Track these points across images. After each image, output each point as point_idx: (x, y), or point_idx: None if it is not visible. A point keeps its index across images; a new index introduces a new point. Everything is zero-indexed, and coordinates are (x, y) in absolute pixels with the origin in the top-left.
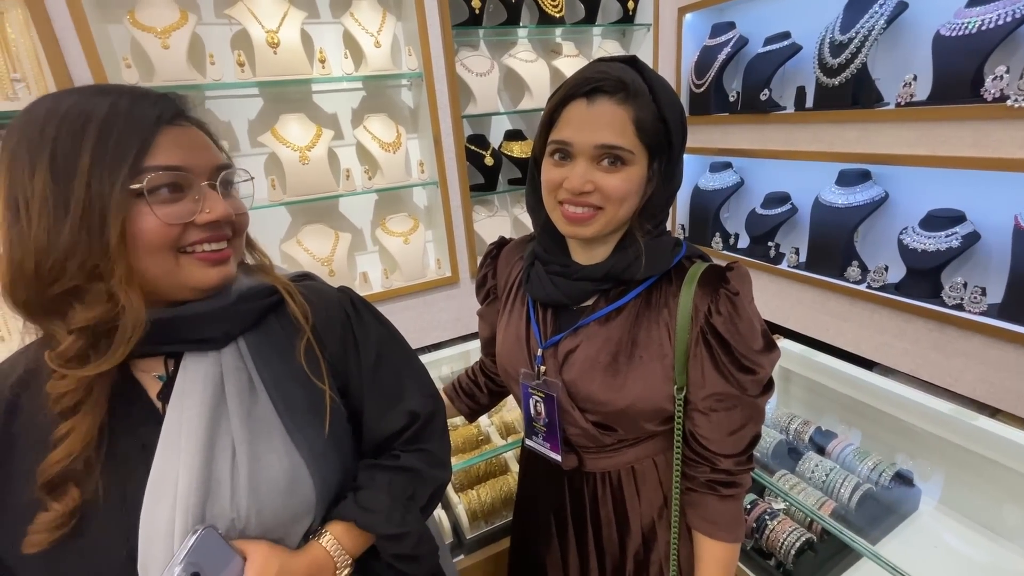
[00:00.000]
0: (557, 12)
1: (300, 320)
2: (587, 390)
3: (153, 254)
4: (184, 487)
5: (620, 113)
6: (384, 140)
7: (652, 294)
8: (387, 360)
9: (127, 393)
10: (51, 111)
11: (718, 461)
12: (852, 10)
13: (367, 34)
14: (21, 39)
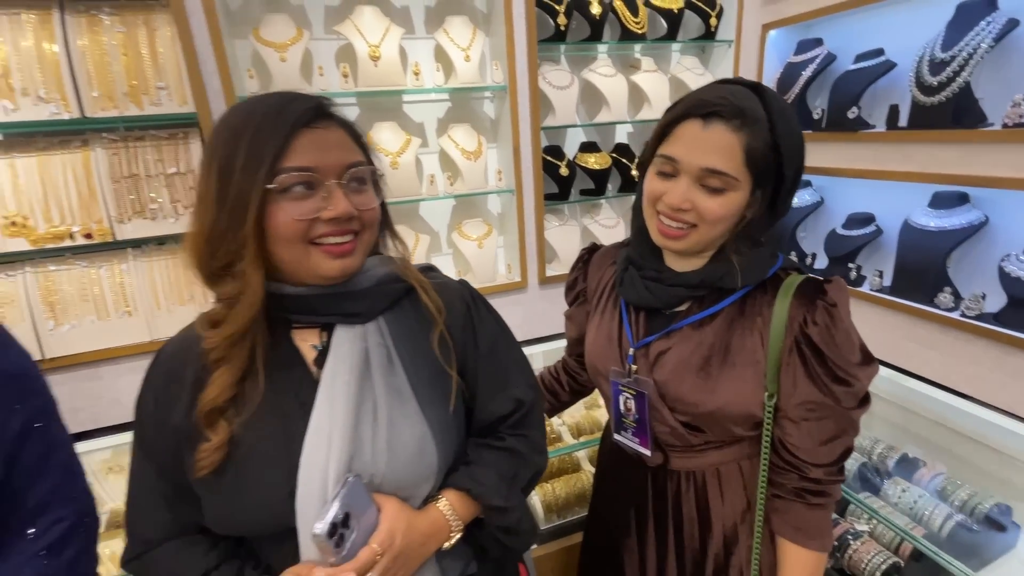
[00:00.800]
0: (639, 28)
1: (434, 313)
2: (677, 391)
3: (286, 244)
4: (337, 441)
5: (732, 139)
6: (466, 148)
7: (746, 302)
8: (499, 349)
9: (290, 359)
10: (225, 120)
11: (808, 470)
12: (955, 28)
13: (458, 49)
14: (167, 53)
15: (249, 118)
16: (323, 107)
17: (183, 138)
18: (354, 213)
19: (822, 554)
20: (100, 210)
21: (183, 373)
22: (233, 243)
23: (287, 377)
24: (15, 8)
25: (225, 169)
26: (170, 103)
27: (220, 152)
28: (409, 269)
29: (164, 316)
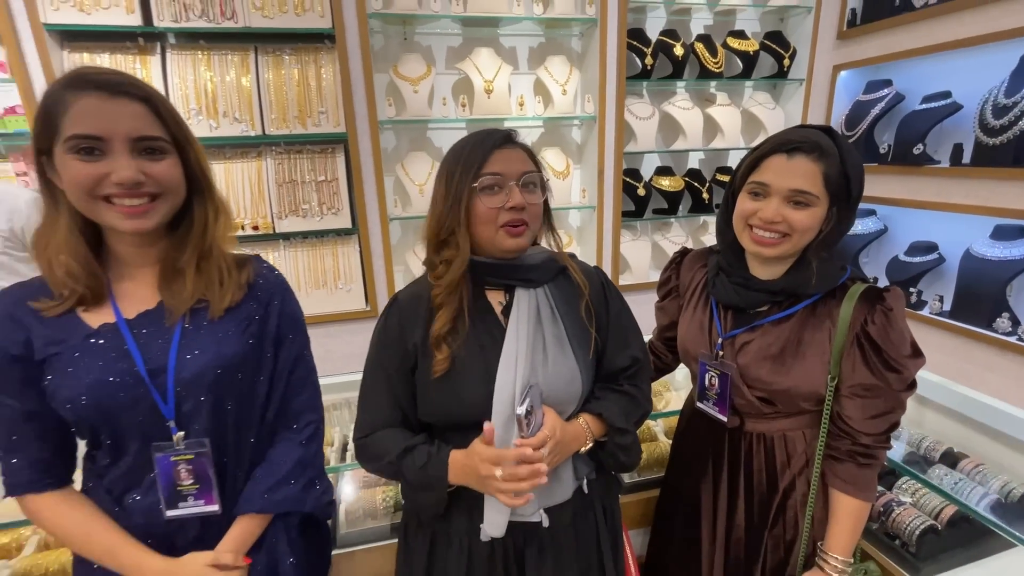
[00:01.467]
0: (717, 68)
1: (582, 287)
2: (756, 373)
3: (483, 225)
4: (522, 363)
5: (813, 167)
6: (556, 168)
7: (817, 306)
8: (623, 319)
9: (486, 309)
10: (453, 148)
11: (859, 437)
12: (1019, 76)
13: (556, 83)
14: (329, 84)
15: (465, 145)
16: (510, 136)
17: (332, 152)
18: (526, 205)
19: (867, 504)
20: (266, 208)
21: (418, 311)
22: (453, 224)
23: (484, 320)
24: (224, 50)
25: (449, 177)
26: (327, 124)
27: (447, 168)
28: (563, 255)
29: (302, 297)
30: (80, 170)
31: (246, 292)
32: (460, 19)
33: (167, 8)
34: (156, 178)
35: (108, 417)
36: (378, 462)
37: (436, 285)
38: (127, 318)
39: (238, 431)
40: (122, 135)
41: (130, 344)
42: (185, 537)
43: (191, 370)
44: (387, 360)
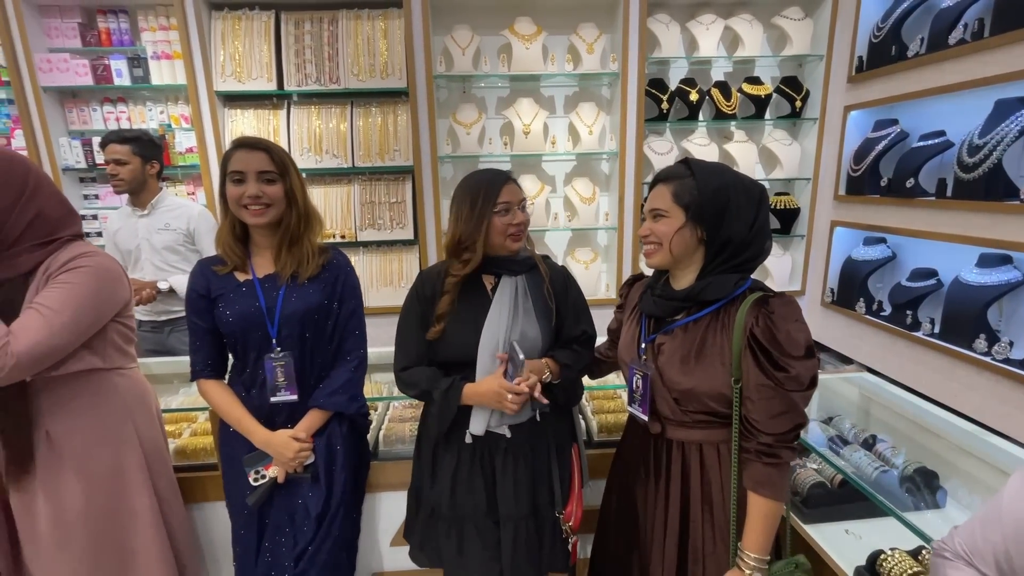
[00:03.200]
0: (730, 110)
1: (544, 277)
2: (669, 373)
3: (498, 235)
4: (503, 325)
5: (665, 190)
6: (584, 195)
7: (720, 313)
8: (578, 304)
9: (479, 289)
10: (466, 180)
11: (762, 436)
12: (992, 119)
13: (584, 125)
14: (403, 128)
15: (480, 181)
16: (510, 175)
17: (401, 180)
18: (525, 220)
19: (776, 503)
20: (351, 222)
21: (436, 284)
22: (476, 233)
23: (478, 295)
24: (330, 104)
25: (473, 203)
26: (399, 158)
27: (470, 196)
28: (536, 255)
29: (372, 292)
30: (233, 190)
31: (322, 268)
32: (507, 76)
33: (294, 77)
34: (268, 195)
35: (244, 334)
36: (414, 389)
37: (453, 275)
38: (258, 277)
39: (313, 352)
40: (253, 170)
41: (258, 292)
42: (280, 417)
43: (288, 311)
44: (415, 314)
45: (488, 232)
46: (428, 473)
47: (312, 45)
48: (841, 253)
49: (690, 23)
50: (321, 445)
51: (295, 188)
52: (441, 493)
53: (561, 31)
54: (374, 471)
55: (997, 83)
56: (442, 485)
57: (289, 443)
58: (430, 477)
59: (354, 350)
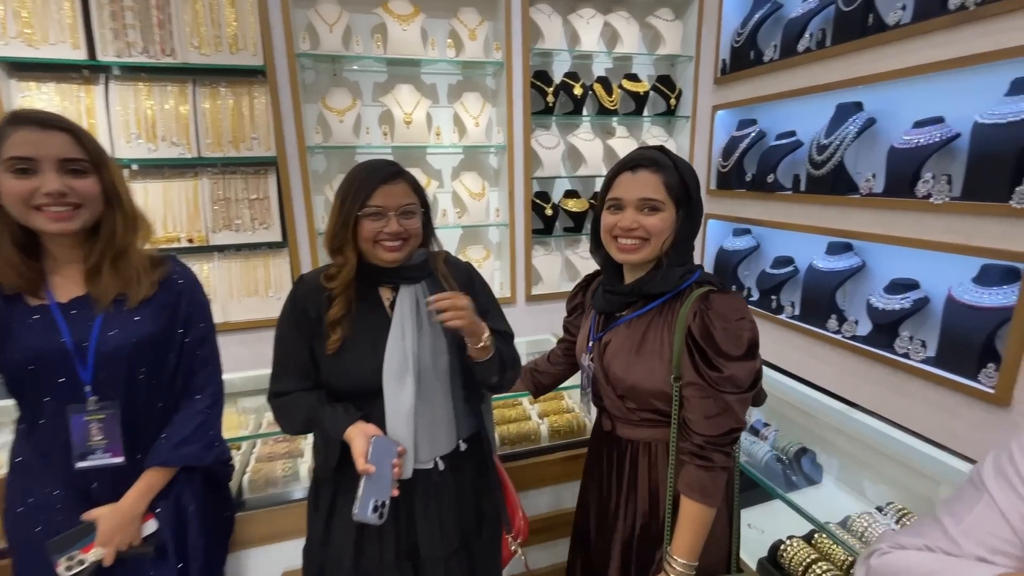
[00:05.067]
0: (612, 105)
1: (443, 281)
2: (613, 370)
3: (366, 243)
4: (409, 346)
5: (655, 178)
6: (473, 191)
7: (664, 307)
8: (487, 303)
9: (375, 304)
10: (348, 174)
11: (695, 437)
12: (834, 121)
13: (470, 117)
14: (261, 113)
15: (358, 174)
16: (396, 173)
17: (264, 174)
18: (401, 231)
19: (707, 508)
20: (201, 223)
21: (320, 293)
22: (341, 239)
23: (374, 312)
24: (164, 81)
25: (343, 202)
26: (259, 148)
27: (342, 192)
28: (436, 256)
29: (234, 304)
30: (16, 184)
31: (159, 286)
32: (383, 60)
33: (111, 45)
34: (79, 191)
35: (36, 380)
36: (291, 421)
37: (329, 284)
38: (59, 302)
39: (150, 396)
40: (52, 157)
41: (60, 323)
42: (102, 485)
43: (108, 347)
44: (294, 331)
45: (356, 237)
46: (323, 525)
47: (134, 7)
48: (714, 244)
49: (571, 16)
50: (168, 508)
51: (117, 183)
52: (343, 547)
53: (440, 14)
54: (240, 525)
55: (838, 88)
56: (343, 537)
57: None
58: (324, 529)
59: (207, 385)
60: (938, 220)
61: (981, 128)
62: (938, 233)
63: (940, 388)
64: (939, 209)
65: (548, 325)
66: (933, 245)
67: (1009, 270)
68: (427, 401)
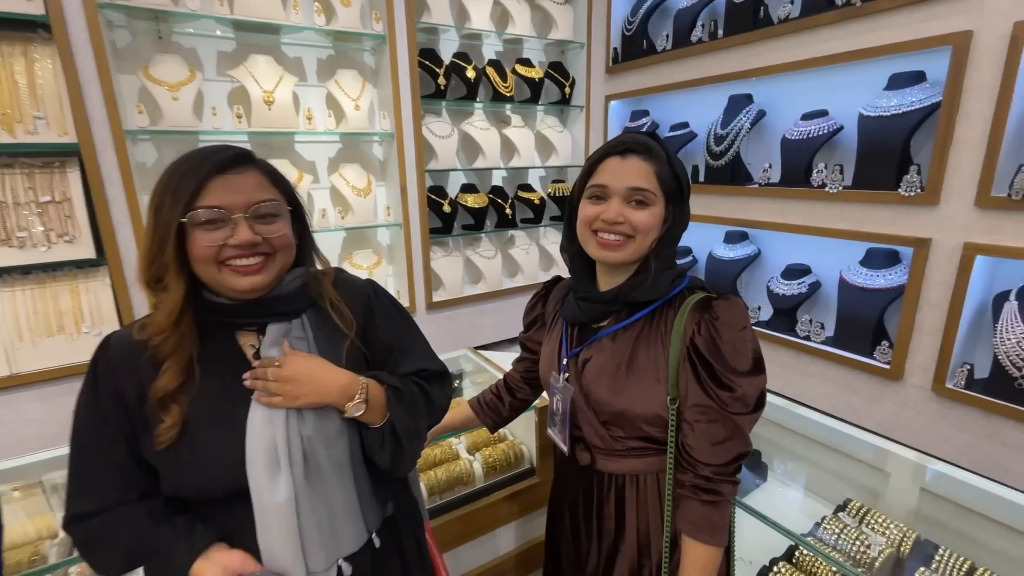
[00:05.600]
0: (507, 91)
1: (336, 315)
2: (596, 393)
3: (201, 265)
4: (281, 418)
5: (646, 167)
6: (357, 186)
7: (655, 317)
8: (399, 329)
9: (234, 355)
10: (167, 168)
11: (700, 468)
12: (728, 112)
13: (348, 98)
14: (48, 84)
15: (177, 169)
16: (239, 157)
17: (60, 167)
18: (258, 240)
19: (715, 549)
20: None
21: (135, 363)
22: (160, 263)
23: (233, 370)
24: None
25: (156, 208)
26: (48, 133)
27: (156, 193)
28: (318, 278)
29: (26, 348)
30: None
31: None
32: (228, 22)
33: None
34: None
35: None
36: (107, 556)
37: (151, 335)
38: None
39: None
40: None
41: None
42: None
43: None
44: (100, 424)
45: (186, 259)
46: None
47: None
48: None
49: None
50: None
51: None
52: None
53: None
54: None
55: (729, 80)
56: None
57: None
58: None
59: None
60: (831, 208)
61: (866, 120)
62: (832, 220)
63: (840, 367)
64: (833, 198)
65: (453, 335)
66: (827, 232)
67: (891, 252)
68: (317, 496)
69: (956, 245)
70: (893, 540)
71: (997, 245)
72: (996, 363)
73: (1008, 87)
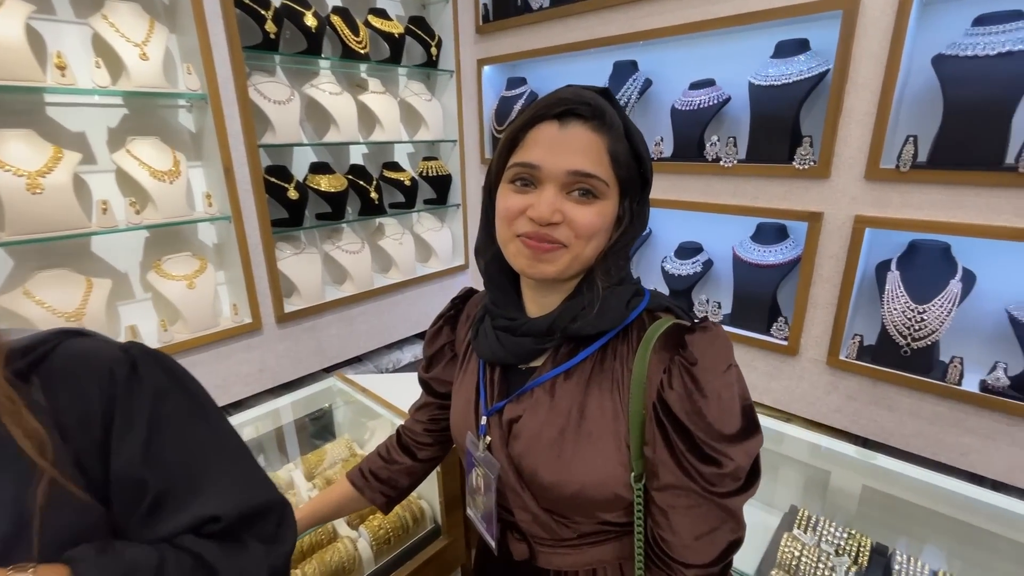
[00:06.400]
0: (361, 48)
1: (30, 443)
2: (532, 468)
3: None
4: None
5: (596, 140)
6: (157, 168)
7: (606, 355)
8: (167, 451)
9: None
10: None
11: (677, 570)
12: (614, 80)
13: (129, 44)
14: None
15: None
16: None
17: None
18: None
19: None
20: None
21: None
22: None
23: None
24: None
25: None
26: None
27: None
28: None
29: None
30: None
31: None
32: None
33: None
34: None
35: None
36: None
37: None
38: None
39: None
40: None
41: None
42: None
43: None
44: None
45: None
46: None
47: None
48: None
49: None
50: None
51: None
52: None
53: None
54: None
55: (615, 44)
56: None
57: None
58: None
59: None
60: (726, 183)
61: (757, 90)
62: (727, 196)
63: (740, 345)
64: (728, 172)
65: (317, 351)
66: (722, 208)
67: (780, 227)
68: None
69: (847, 218)
70: (849, 551)
71: (885, 217)
72: (883, 331)
73: (895, 56)
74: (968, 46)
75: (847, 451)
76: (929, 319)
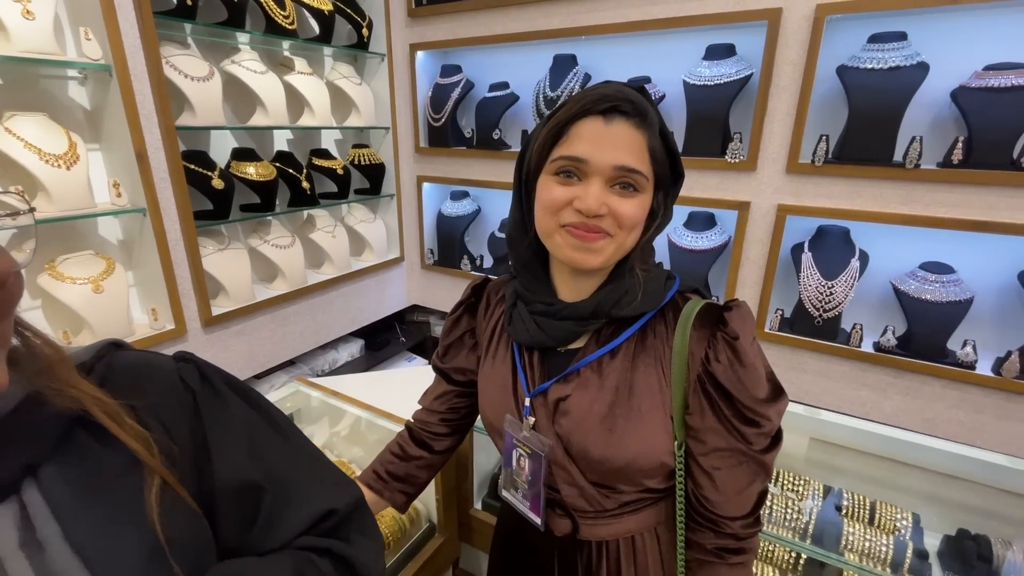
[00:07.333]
0: (288, 23)
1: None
2: (583, 445)
3: None
4: None
5: (638, 137)
6: (47, 151)
7: (647, 334)
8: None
9: None
10: None
11: (724, 525)
12: (555, 72)
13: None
14: None
15: None
16: None
17: None
18: None
19: None
20: None
21: None
22: None
23: None
24: None
25: None
26: None
27: None
28: (64, 376)
29: None
30: None
31: None
32: None
33: None
34: None
35: None
36: None
37: None
38: None
39: None
40: None
41: None
42: None
43: None
44: None
45: None
46: None
47: None
48: (432, 210)
49: None
50: None
51: None
52: None
53: None
54: None
55: (555, 37)
56: None
57: None
58: None
59: None
60: None
61: (692, 89)
62: None
63: None
64: None
65: (249, 355)
66: None
67: (708, 216)
68: None
69: (771, 207)
70: (805, 494)
71: (802, 205)
72: (799, 305)
73: (811, 64)
74: (866, 59)
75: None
76: (837, 293)
